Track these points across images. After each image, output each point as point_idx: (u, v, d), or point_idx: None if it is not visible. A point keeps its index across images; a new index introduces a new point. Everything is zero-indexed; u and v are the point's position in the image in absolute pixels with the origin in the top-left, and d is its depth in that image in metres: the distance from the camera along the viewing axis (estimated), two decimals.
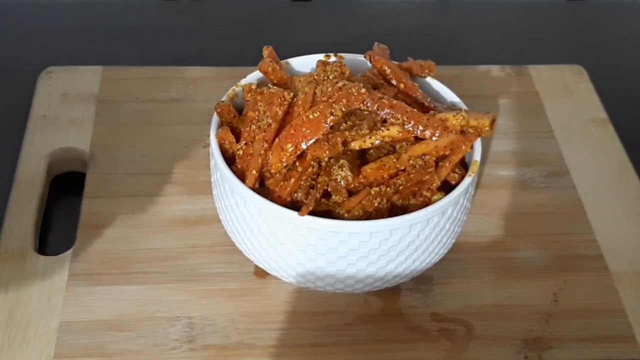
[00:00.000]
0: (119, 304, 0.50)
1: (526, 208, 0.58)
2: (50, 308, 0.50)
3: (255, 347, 0.49)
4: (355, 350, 0.49)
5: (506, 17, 0.82)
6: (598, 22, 0.82)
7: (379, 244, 0.46)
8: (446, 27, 0.80)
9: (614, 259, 0.55)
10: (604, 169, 0.62)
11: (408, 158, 0.48)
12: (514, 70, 0.70)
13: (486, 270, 0.54)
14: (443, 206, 0.46)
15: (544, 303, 0.52)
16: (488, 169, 0.61)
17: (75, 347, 0.48)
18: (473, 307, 0.52)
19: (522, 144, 0.63)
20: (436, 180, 0.48)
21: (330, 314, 0.51)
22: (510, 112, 0.66)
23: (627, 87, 0.72)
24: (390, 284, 0.50)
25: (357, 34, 0.76)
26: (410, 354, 0.49)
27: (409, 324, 0.50)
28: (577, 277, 0.54)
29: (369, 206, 0.47)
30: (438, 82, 0.55)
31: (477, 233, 0.56)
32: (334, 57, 0.54)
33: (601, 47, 0.78)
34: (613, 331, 0.51)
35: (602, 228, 0.57)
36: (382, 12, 0.81)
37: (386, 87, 0.52)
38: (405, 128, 0.48)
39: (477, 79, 0.69)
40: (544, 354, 0.49)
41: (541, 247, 0.55)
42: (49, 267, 0.52)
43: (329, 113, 0.47)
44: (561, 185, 0.60)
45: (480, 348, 0.49)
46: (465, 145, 0.48)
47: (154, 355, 0.48)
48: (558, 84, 0.69)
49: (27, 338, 0.48)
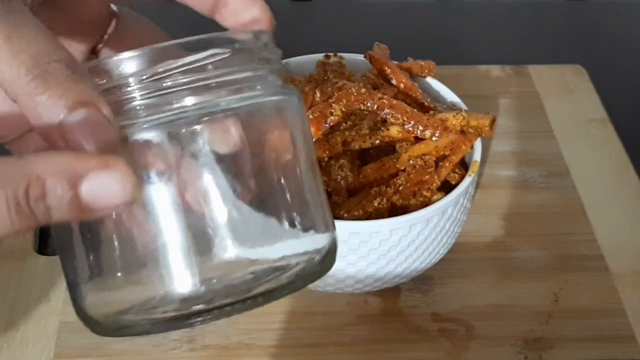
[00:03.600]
0: None
1: (526, 208, 0.58)
2: (50, 308, 0.50)
3: (255, 347, 0.49)
4: (355, 350, 0.49)
5: (506, 17, 0.82)
6: (598, 21, 0.82)
7: (379, 244, 0.46)
8: (446, 27, 0.80)
9: (614, 259, 0.55)
10: (604, 168, 0.62)
11: (408, 158, 0.48)
12: (514, 70, 0.70)
13: (486, 270, 0.54)
14: (443, 206, 0.46)
15: (544, 303, 0.52)
16: (488, 169, 0.61)
17: (75, 347, 0.48)
18: (473, 307, 0.51)
19: (522, 143, 0.63)
20: (436, 180, 0.48)
21: (330, 314, 0.51)
22: (510, 112, 0.66)
23: (627, 86, 0.72)
24: (390, 284, 0.50)
25: (357, 34, 0.76)
26: (410, 354, 0.49)
27: (409, 324, 0.50)
28: (577, 277, 0.54)
29: (369, 206, 0.46)
30: (438, 82, 0.55)
31: (477, 233, 0.56)
32: (334, 57, 0.54)
33: (601, 47, 0.78)
34: (613, 331, 0.51)
35: (602, 228, 0.57)
36: (382, 12, 0.81)
37: (386, 87, 0.52)
38: (405, 128, 0.48)
39: (477, 79, 0.69)
40: (544, 354, 0.49)
41: (541, 247, 0.55)
42: (49, 267, 0.52)
43: (329, 113, 0.47)
44: (561, 185, 0.60)
45: (480, 348, 0.49)
46: (465, 145, 0.48)
47: (154, 355, 0.48)
48: (558, 84, 0.69)
49: (27, 338, 0.48)
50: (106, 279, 0.31)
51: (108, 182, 0.25)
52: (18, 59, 0.27)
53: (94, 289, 0.31)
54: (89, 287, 0.31)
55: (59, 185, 0.25)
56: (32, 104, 0.27)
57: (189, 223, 0.30)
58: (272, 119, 0.32)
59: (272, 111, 0.32)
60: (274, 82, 0.32)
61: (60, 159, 0.25)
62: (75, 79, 0.27)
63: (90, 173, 0.25)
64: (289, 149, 0.32)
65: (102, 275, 0.31)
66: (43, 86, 0.27)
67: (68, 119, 0.27)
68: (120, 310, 0.31)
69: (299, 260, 0.32)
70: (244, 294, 0.31)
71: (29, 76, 0.27)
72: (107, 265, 0.30)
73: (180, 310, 0.30)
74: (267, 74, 0.32)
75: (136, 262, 0.30)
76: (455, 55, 0.74)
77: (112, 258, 0.30)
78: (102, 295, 0.31)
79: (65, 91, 0.27)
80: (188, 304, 0.30)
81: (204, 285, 0.30)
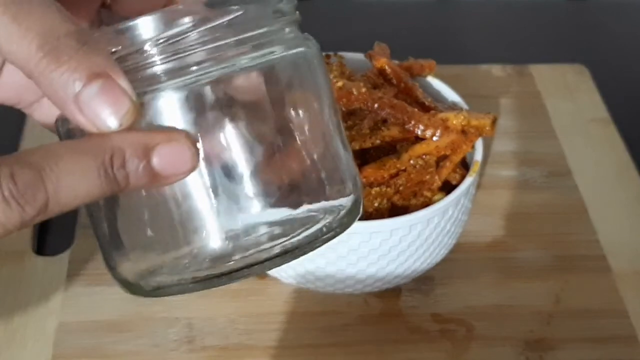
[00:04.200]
0: (118, 305, 0.50)
1: (527, 208, 0.58)
2: (48, 309, 0.50)
3: (255, 348, 0.48)
4: (355, 351, 0.49)
5: (507, 16, 0.81)
6: (600, 21, 0.81)
7: (379, 244, 0.46)
8: (447, 26, 0.80)
9: (616, 259, 0.55)
10: (605, 168, 0.61)
11: (409, 158, 0.48)
12: (515, 70, 0.70)
13: (487, 270, 0.54)
14: (444, 206, 0.46)
15: (545, 303, 0.52)
16: (489, 169, 0.60)
17: (74, 348, 0.48)
18: (474, 307, 0.51)
19: (523, 143, 0.63)
20: (437, 181, 0.47)
21: (330, 314, 0.50)
22: (511, 111, 0.66)
23: (629, 86, 0.72)
24: (390, 285, 0.50)
25: (357, 33, 0.75)
26: (410, 354, 0.49)
27: (409, 325, 0.50)
28: (579, 278, 0.53)
29: (369, 206, 0.46)
30: (439, 82, 0.55)
31: (478, 233, 0.56)
32: (334, 57, 0.54)
33: (603, 46, 0.78)
34: (615, 332, 0.50)
35: (604, 228, 0.57)
36: (383, 12, 0.81)
37: (386, 87, 0.52)
38: (406, 128, 0.48)
39: (478, 79, 0.69)
40: (545, 354, 0.49)
41: (542, 247, 0.55)
42: (48, 268, 0.52)
43: None
44: (563, 185, 0.60)
45: (481, 349, 0.49)
46: (466, 145, 0.48)
47: (153, 356, 0.48)
48: (559, 84, 0.69)
49: (25, 339, 0.48)
50: (136, 240, 0.31)
51: (172, 153, 0.29)
52: (27, 38, 0.27)
53: (125, 251, 0.31)
54: (121, 249, 0.31)
55: (135, 155, 0.28)
56: (47, 81, 0.28)
57: (215, 182, 0.30)
58: (292, 72, 0.32)
59: (291, 65, 0.32)
60: (291, 35, 0.32)
61: (133, 134, 0.29)
62: (87, 51, 0.28)
63: (158, 146, 0.29)
64: (310, 103, 0.33)
65: (131, 236, 0.31)
66: (55, 62, 0.27)
67: (84, 93, 0.27)
68: (151, 270, 0.32)
69: (321, 216, 0.32)
70: (270, 252, 0.32)
71: (40, 54, 0.27)
72: (136, 226, 0.31)
73: (213, 268, 0.31)
74: (283, 27, 0.32)
75: (165, 222, 0.31)
76: (456, 54, 0.74)
77: (141, 219, 0.31)
78: (134, 256, 0.32)
79: (79, 65, 0.27)
80: (219, 262, 0.31)
81: (231, 242, 0.31)
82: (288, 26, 0.32)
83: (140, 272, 0.32)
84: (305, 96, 0.33)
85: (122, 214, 0.31)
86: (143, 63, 0.29)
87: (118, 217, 0.31)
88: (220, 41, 0.30)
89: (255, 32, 0.30)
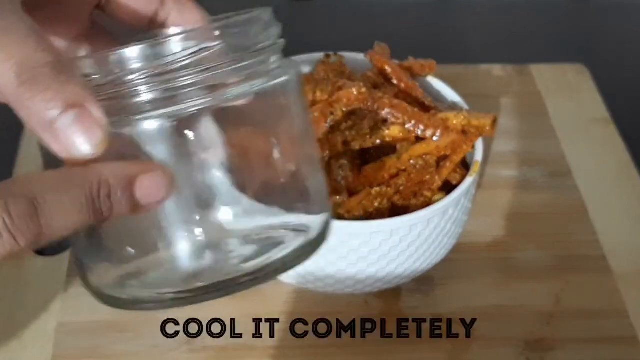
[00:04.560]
0: None
1: (528, 208, 0.58)
2: (48, 309, 0.50)
3: (255, 348, 0.48)
4: (355, 351, 0.49)
5: (508, 16, 0.81)
6: (600, 21, 0.81)
7: (380, 244, 0.46)
8: (447, 26, 0.80)
9: (616, 260, 0.55)
10: (606, 168, 0.61)
11: (409, 158, 0.48)
12: (516, 70, 0.70)
13: (487, 270, 0.54)
14: (444, 206, 0.46)
15: (545, 304, 0.52)
16: (489, 169, 0.60)
17: (74, 348, 0.48)
18: (474, 308, 0.51)
19: (523, 143, 0.63)
20: (437, 181, 0.47)
21: (330, 314, 0.50)
22: (511, 111, 0.66)
23: (629, 86, 0.72)
24: (390, 285, 0.50)
25: (357, 33, 0.75)
26: (410, 355, 0.49)
27: (409, 325, 0.50)
28: (579, 278, 0.53)
29: (370, 206, 0.46)
30: (439, 82, 0.55)
31: (479, 233, 0.56)
32: (334, 57, 0.54)
33: (603, 46, 0.78)
34: (615, 332, 0.50)
35: (605, 228, 0.57)
36: (383, 12, 0.81)
37: (387, 87, 0.51)
38: (406, 128, 0.48)
39: (478, 78, 0.69)
40: (546, 355, 0.49)
41: (543, 248, 0.55)
42: (47, 268, 0.52)
43: (329, 113, 0.47)
44: (563, 185, 0.60)
45: (481, 349, 0.49)
46: (466, 145, 0.48)
47: (153, 356, 0.48)
48: (560, 83, 0.69)
49: (25, 339, 0.48)
50: (105, 253, 0.32)
51: (151, 184, 0.30)
52: (7, 65, 0.28)
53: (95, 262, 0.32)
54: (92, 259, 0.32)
55: (119, 187, 0.29)
56: (24, 109, 0.28)
57: (184, 205, 0.31)
58: (270, 101, 0.33)
59: (270, 94, 0.32)
60: (275, 65, 0.33)
61: (115, 165, 0.29)
62: (63, 81, 0.28)
63: (139, 177, 0.29)
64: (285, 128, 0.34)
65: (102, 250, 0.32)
66: (31, 91, 0.28)
67: (58, 122, 0.28)
68: (121, 283, 0.32)
69: (292, 235, 0.34)
70: (239, 272, 0.32)
71: (17, 82, 0.28)
72: (107, 240, 0.32)
73: (182, 287, 0.32)
74: (265, 58, 0.32)
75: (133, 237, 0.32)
76: (457, 54, 0.74)
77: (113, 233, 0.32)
78: (104, 268, 0.32)
79: (55, 94, 0.28)
80: (190, 280, 0.32)
81: (201, 261, 0.32)
82: (271, 55, 0.33)
83: (110, 283, 0.33)
84: (280, 121, 0.33)
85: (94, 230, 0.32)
86: (123, 92, 0.30)
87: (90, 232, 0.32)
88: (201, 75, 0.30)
89: (235, 66, 0.31)
